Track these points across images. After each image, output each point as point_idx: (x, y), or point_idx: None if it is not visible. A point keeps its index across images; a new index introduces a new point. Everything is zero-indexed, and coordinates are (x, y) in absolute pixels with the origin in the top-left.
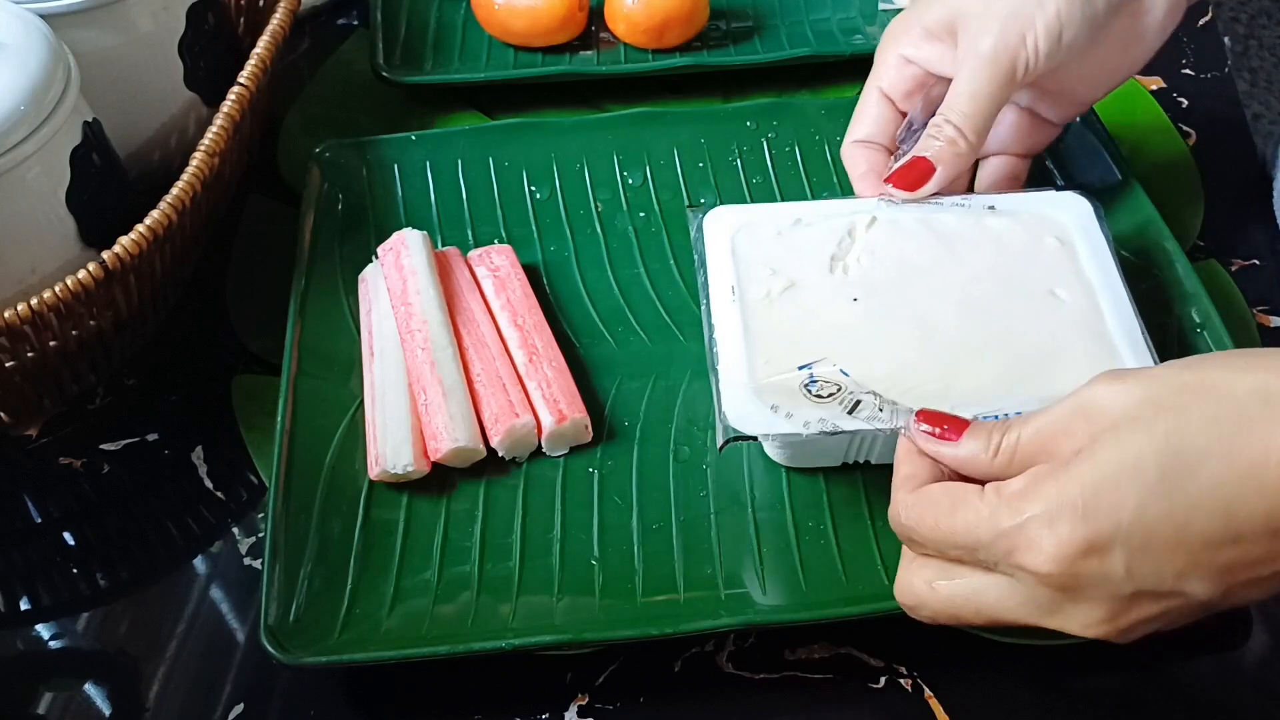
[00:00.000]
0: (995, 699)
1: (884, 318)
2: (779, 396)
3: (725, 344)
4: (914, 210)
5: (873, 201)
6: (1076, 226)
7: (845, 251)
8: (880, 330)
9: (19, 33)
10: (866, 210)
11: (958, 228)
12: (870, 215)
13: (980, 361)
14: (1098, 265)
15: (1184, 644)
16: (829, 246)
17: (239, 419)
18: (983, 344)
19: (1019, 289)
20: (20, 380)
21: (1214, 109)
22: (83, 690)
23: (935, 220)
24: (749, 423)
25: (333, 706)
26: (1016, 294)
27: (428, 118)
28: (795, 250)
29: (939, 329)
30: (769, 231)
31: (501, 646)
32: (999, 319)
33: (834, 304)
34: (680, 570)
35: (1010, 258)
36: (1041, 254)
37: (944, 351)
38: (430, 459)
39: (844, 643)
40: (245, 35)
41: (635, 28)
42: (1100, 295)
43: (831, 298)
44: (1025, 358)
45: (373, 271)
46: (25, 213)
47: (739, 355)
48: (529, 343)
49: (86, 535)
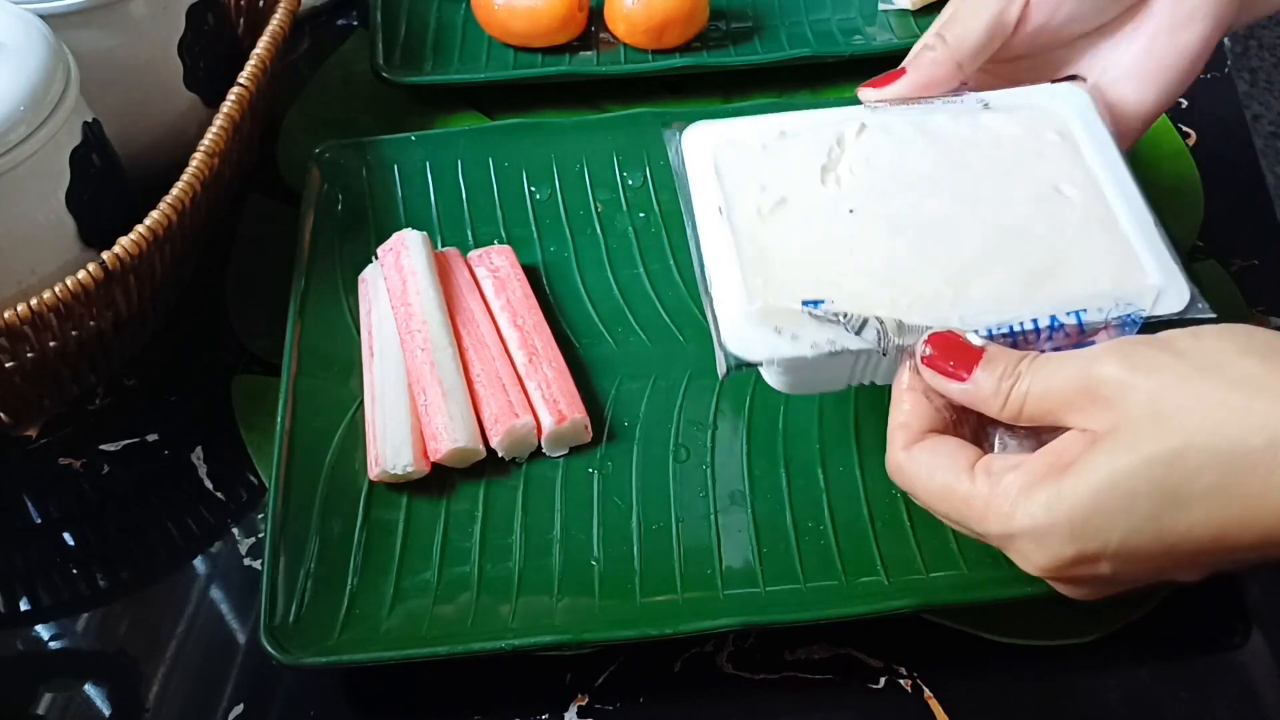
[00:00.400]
0: (995, 699)
1: (883, 227)
2: (780, 319)
3: (717, 267)
4: (905, 114)
5: (860, 109)
6: (1077, 119)
7: (836, 162)
8: (881, 240)
9: (19, 33)
10: (854, 118)
11: (953, 128)
12: (859, 122)
13: (990, 266)
14: (1102, 159)
15: (1184, 644)
16: (819, 158)
17: (239, 419)
18: (991, 248)
19: (1022, 188)
20: (20, 380)
21: (1214, 109)
22: (83, 690)
23: (928, 122)
24: (752, 349)
25: (333, 706)
26: (1020, 193)
27: (428, 118)
28: (783, 164)
29: (943, 235)
30: (753, 146)
31: (501, 647)
32: (1005, 220)
33: (829, 217)
34: (680, 570)
35: (1010, 155)
36: (1043, 150)
37: (951, 258)
38: (430, 459)
39: (844, 643)
40: (245, 35)
41: (635, 28)
42: (1108, 190)
43: (826, 210)
44: (1036, 260)
45: (373, 272)
46: (25, 213)
47: (734, 278)
48: (529, 343)
49: (86, 535)
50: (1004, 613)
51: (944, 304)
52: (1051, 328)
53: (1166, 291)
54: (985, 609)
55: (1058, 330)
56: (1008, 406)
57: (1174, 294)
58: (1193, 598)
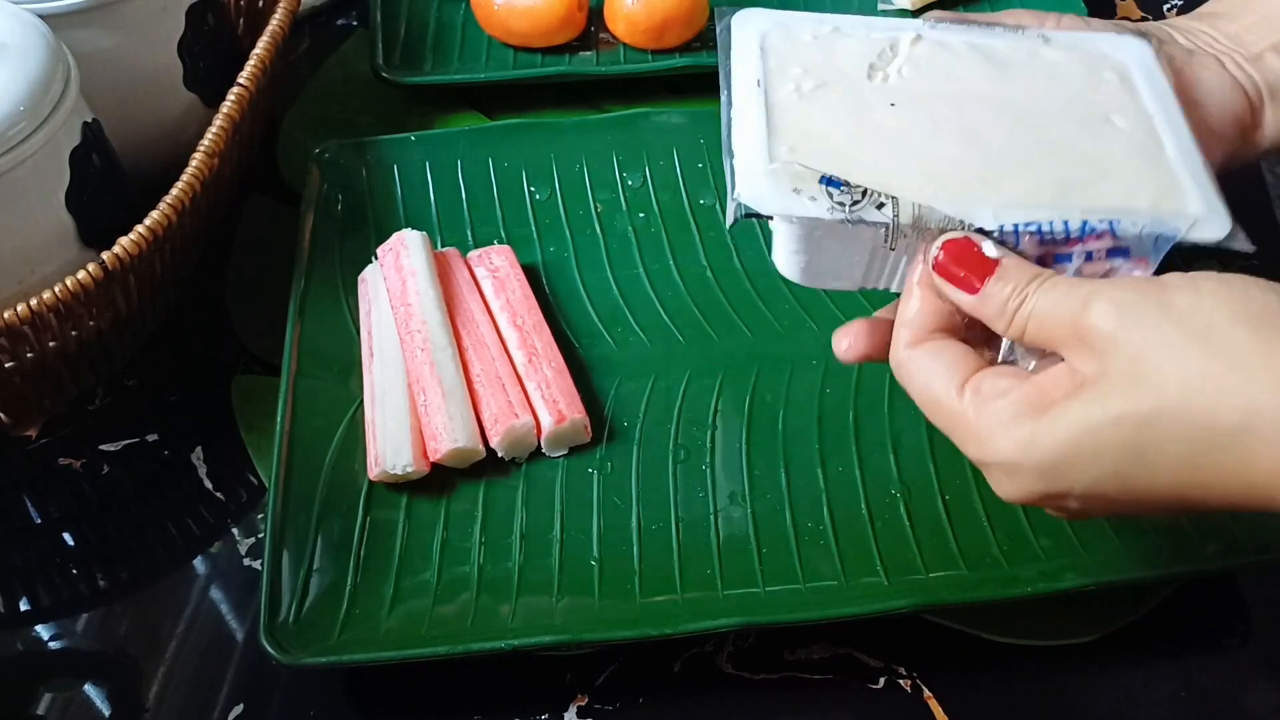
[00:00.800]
0: (995, 699)
1: (924, 124)
2: (801, 181)
3: (743, 130)
4: (963, 33)
5: (918, 21)
6: (1138, 67)
7: (886, 62)
8: (920, 134)
9: (19, 33)
10: (911, 29)
11: (1010, 53)
12: (915, 33)
13: (1029, 169)
14: (1159, 102)
15: (1183, 644)
16: (868, 56)
17: (239, 419)
18: (1033, 155)
19: (1074, 112)
20: (20, 381)
21: None
22: (83, 690)
23: (987, 44)
24: (765, 202)
25: (333, 706)
26: (1071, 115)
27: (427, 118)
28: (831, 54)
29: (985, 137)
30: (804, 36)
31: (501, 647)
32: (1051, 136)
33: (870, 107)
34: (679, 571)
35: (1065, 84)
36: (1100, 85)
37: (990, 157)
38: (430, 459)
39: (843, 643)
40: (245, 36)
41: (635, 28)
42: (1161, 128)
43: (867, 101)
44: (1077, 169)
45: (372, 272)
46: (25, 213)
47: (759, 141)
48: (528, 343)
49: (86, 535)
50: (1004, 613)
51: (974, 197)
52: (1083, 232)
53: (1207, 220)
54: (985, 609)
55: (1090, 235)
56: (1012, 327)
57: (1215, 224)
58: (1193, 598)
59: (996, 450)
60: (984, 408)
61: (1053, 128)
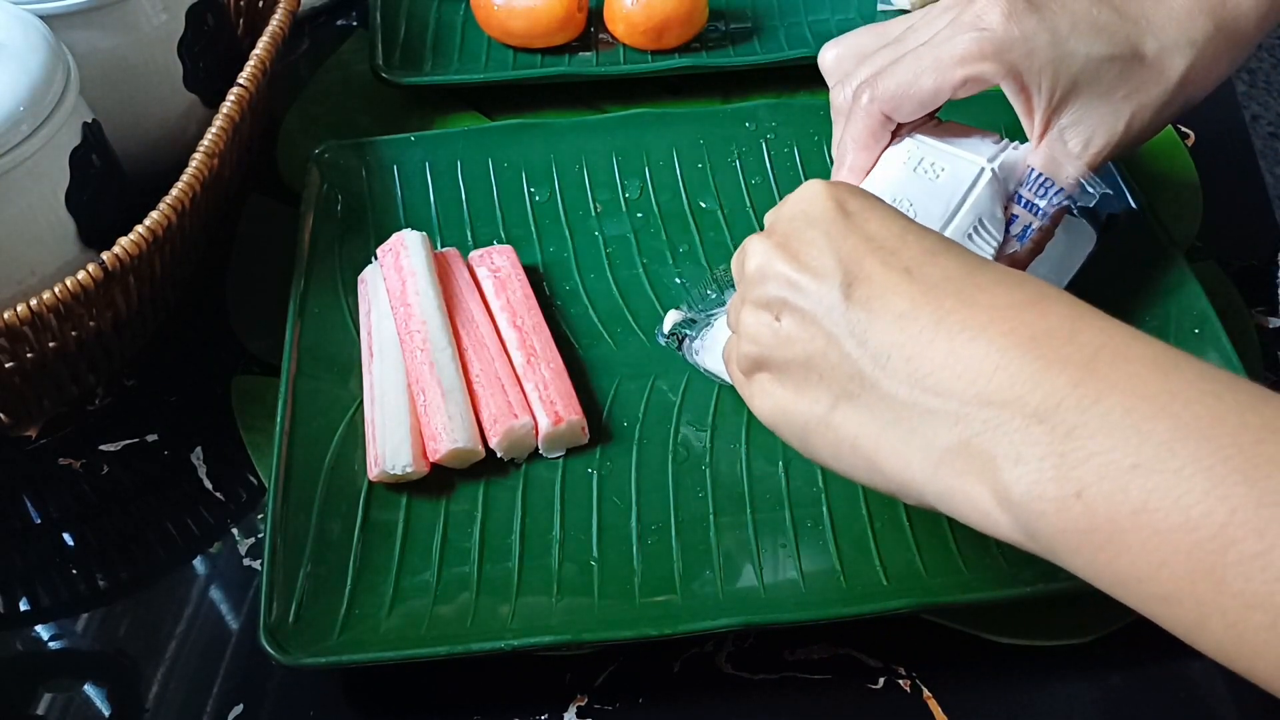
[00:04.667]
0: (994, 699)
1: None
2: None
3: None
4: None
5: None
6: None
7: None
8: None
9: (19, 33)
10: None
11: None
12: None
13: None
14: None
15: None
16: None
17: (238, 420)
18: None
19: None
20: (20, 381)
21: (1212, 110)
22: (82, 690)
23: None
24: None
25: (332, 707)
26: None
27: (427, 118)
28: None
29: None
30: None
31: (501, 647)
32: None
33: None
34: (679, 571)
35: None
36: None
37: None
38: (429, 460)
39: (843, 643)
40: (245, 36)
41: (634, 29)
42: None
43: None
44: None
45: (372, 272)
46: (25, 213)
47: None
48: (527, 344)
49: (86, 535)
50: (1003, 613)
51: None
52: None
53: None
54: (984, 609)
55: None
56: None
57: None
58: None
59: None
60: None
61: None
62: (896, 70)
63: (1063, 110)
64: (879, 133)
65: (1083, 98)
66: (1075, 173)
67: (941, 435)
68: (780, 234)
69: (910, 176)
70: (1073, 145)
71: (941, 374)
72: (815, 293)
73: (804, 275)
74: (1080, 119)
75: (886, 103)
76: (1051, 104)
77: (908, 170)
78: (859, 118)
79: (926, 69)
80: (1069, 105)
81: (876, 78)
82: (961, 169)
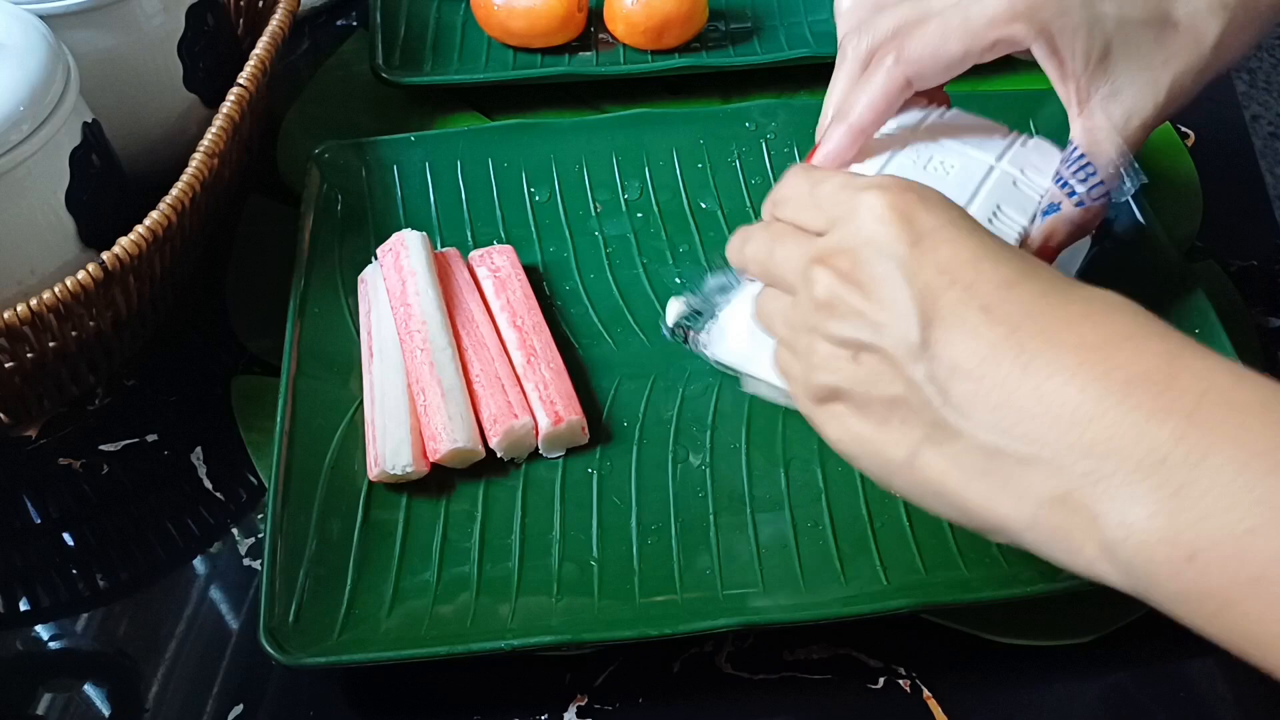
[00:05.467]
0: (994, 699)
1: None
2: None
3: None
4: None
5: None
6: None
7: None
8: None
9: (19, 33)
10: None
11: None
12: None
13: None
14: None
15: (1183, 644)
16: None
17: (238, 420)
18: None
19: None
20: (20, 381)
21: (1212, 110)
22: (82, 690)
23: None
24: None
25: (332, 707)
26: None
27: (427, 118)
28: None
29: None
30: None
31: (501, 647)
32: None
33: None
34: (679, 571)
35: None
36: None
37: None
38: (429, 460)
39: (843, 643)
40: (245, 36)
41: (634, 29)
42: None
43: None
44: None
45: (372, 272)
46: (25, 213)
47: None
48: (527, 344)
49: (86, 535)
50: (1003, 613)
51: None
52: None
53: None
54: (984, 609)
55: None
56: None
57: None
58: None
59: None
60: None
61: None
62: (924, 34)
63: (1099, 77)
64: (896, 97)
65: (1119, 65)
66: (1116, 150)
67: (1037, 485)
68: (847, 261)
69: (921, 176)
70: (1116, 117)
71: (1032, 422)
72: (893, 336)
73: (881, 314)
74: (1120, 89)
75: (912, 66)
76: (1088, 67)
77: (918, 170)
78: (879, 79)
79: (954, 31)
80: (1106, 72)
81: (903, 40)
82: (971, 166)
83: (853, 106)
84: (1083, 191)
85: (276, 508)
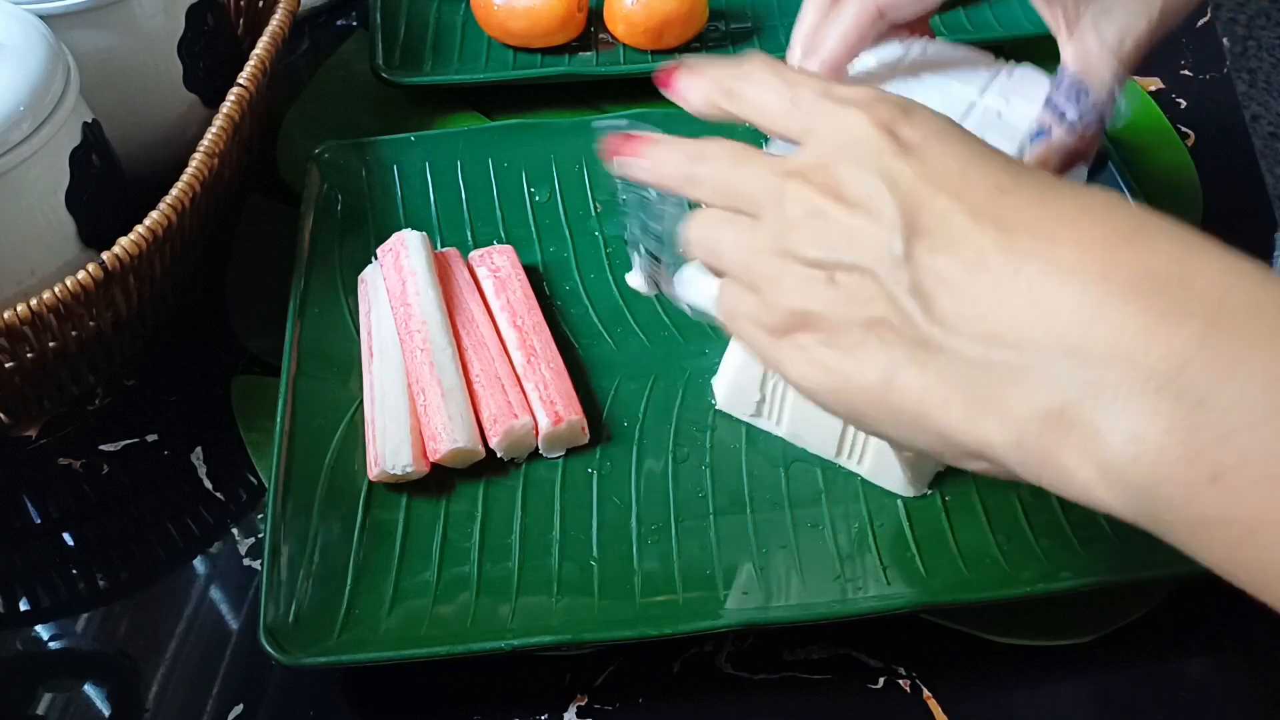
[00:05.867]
0: (994, 699)
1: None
2: None
3: None
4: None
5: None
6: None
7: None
8: None
9: (19, 33)
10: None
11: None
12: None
13: None
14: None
15: (1183, 644)
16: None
17: (238, 420)
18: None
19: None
20: (20, 381)
21: (1212, 110)
22: (82, 690)
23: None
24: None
25: (332, 706)
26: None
27: (427, 118)
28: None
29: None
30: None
31: (500, 647)
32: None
33: None
34: (679, 571)
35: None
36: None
37: None
38: (429, 459)
39: (843, 643)
40: (245, 36)
41: (634, 28)
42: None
43: None
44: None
45: (372, 272)
46: (25, 213)
47: None
48: (527, 344)
49: (86, 535)
50: (1003, 613)
51: None
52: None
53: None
54: (984, 609)
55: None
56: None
57: None
58: (1192, 598)
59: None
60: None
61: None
62: None
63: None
64: (868, 29)
65: None
66: (1110, 72)
67: (1028, 398)
68: (827, 175)
69: None
70: (1108, 37)
71: (1024, 328)
72: (874, 250)
73: (863, 229)
74: (1111, 7)
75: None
76: None
77: None
78: (850, 10)
79: None
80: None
81: None
82: (951, 104)
83: (823, 41)
84: (1075, 116)
85: (276, 508)
